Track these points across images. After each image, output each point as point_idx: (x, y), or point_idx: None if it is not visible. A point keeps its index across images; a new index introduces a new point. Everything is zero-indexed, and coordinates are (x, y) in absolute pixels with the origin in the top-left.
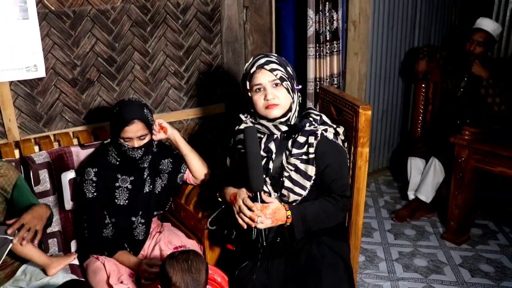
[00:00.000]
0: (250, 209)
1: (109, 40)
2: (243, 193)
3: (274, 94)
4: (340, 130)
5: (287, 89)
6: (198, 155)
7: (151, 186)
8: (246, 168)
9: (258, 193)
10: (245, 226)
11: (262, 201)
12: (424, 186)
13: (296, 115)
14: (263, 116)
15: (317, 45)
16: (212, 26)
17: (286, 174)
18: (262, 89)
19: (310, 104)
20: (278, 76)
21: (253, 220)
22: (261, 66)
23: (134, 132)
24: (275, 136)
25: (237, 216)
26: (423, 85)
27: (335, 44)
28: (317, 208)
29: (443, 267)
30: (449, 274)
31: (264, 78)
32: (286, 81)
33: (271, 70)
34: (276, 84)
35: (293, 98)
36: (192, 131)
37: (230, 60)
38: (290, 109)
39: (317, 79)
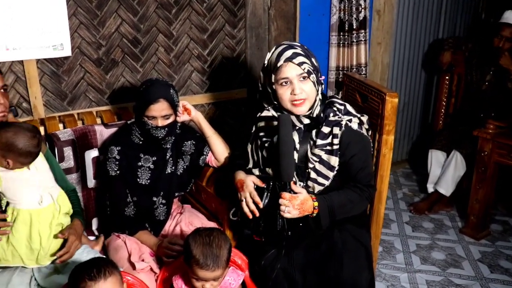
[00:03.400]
0: (255, 204)
1: (134, 21)
2: (251, 185)
3: (302, 88)
4: (364, 119)
5: (313, 82)
6: (221, 138)
7: (173, 167)
8: (277, 157)
9: (287, 182)
10: (250, 216)
11: (291, 191)
12: (444, 179)
13: (319, 107)
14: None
15: (341, 33)
16: (237, 10)
17: (311, 165)
18: (288, 83)
19: (330, 93)
20: (305, 70)
21: (260, 212)
22: (288, 60)
23: (159, 111)
24: (297, 126)
25: (241, 203)
26: (447, 77)
27: (361, 33)
28: (343, 198)
29: (461, 262)
30: (468, 268)
31: (291, 72)
32: (313, 74)
33: (299, 64)
34: (303, 78)
35: (317, 91)
36: (213, 115)
37: (253, 45)
38: (314, 102)
39: (339, 68)
